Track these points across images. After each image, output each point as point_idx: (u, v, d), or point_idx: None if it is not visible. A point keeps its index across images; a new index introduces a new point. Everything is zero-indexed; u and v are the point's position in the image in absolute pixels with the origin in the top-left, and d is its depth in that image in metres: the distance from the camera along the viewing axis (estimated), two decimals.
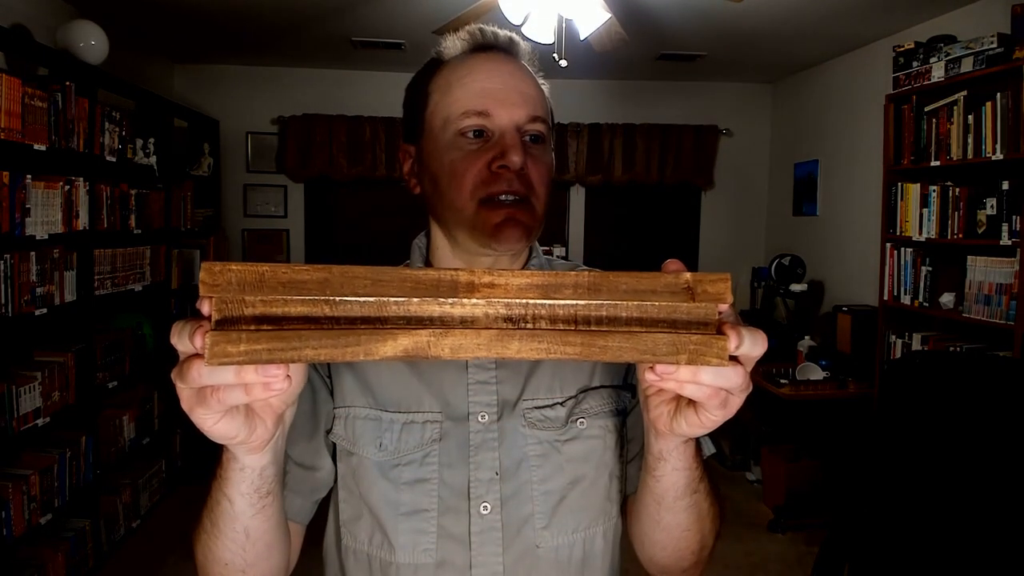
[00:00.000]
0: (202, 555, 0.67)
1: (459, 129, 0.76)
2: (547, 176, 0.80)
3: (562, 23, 2.68)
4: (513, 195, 0.75)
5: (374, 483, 0.77)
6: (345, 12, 3.52)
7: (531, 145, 0.78)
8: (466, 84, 0.77)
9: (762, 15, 3.40)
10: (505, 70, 0.78)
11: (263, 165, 4.78)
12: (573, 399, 0.80)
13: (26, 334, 2.67)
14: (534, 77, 0.82)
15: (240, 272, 0.39)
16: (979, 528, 1.48)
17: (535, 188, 0.77)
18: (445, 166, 0.77)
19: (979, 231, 2.76)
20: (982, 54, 2.69)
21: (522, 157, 0.74)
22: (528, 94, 0.78)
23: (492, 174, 0.75)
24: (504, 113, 0.76)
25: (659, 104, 4.99)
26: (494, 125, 0.76)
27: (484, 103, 0.76)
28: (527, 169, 0.76)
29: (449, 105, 0.77)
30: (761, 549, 3.25)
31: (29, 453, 2.59)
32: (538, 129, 0.78)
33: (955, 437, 1.55)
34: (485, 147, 0.76)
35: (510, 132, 0.76)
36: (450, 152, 0.77)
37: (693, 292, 0.44)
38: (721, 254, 5.19)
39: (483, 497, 0.76)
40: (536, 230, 0.79)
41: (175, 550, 3.14)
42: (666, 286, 0.44)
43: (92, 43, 3.00)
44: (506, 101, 0.76)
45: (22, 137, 2.38)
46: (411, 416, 0.78)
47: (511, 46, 0.82)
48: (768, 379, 3.51)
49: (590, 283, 0.43)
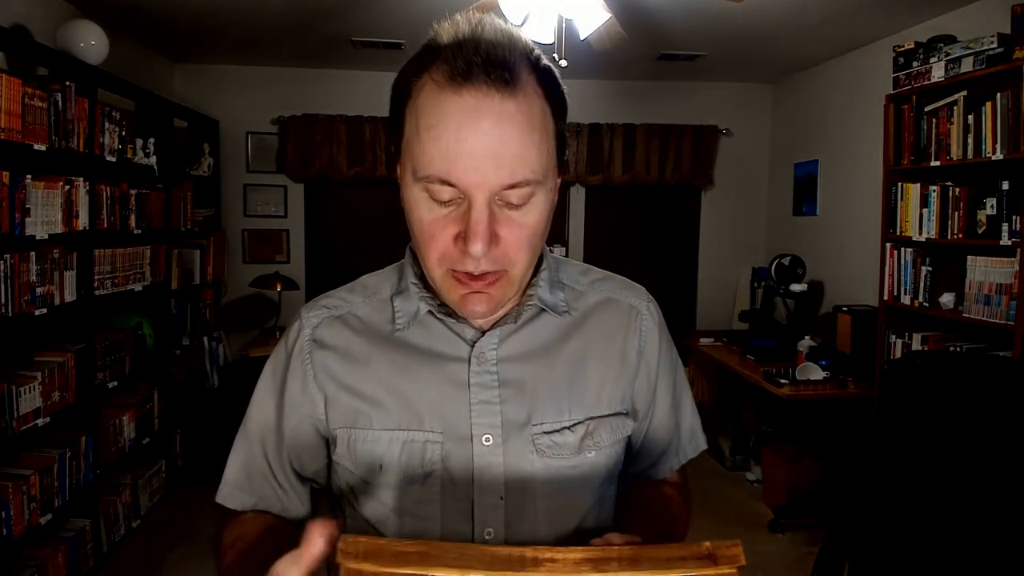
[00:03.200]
0: None
1: (424, 187, 0.67)
2: (530, 237, 0.70)
3: (562, 23, 2.68)
4: (479, 275, 0.69)
5: (375, 502, 0.77)
6: (345, 12, 3.52)
7: (511, 209, 0.68)
8: (433, 139, 0.65)
9: (762, 15, 3.40)
10: (483, 125, 0.64)
11: (263, 165, 4.78)
12: (582, 424, 0.79)
13: (26, 334, 2.67)
14: (527, 113, 0.67)
15: (366, 544, 0.51)
16: (979, 528, 1.48)
17: (511, 258, 0.69)
18: (414, 221, 0.70)
19: (979, 231, 2.76)
20: (982, 54, 2.69)
21: (486, 244, 0.66)
22: (507, 154, 0.65)
23: (458, 251, 0.68)
24: (472, 182, 0.65)
25: (659, 104, 4.99)
26: (463, 193, 0.66)
27: (449, 171, 0.65)
28: (499, 243, 0.68)
29: (416, 159, 0.67)
30: (761, 549, 3.25)
31: (29, 453, 2.59)
32: (519, 195, 0.67)
33: (955, 437, 1.55)
34: (451, 216, 0.67)
35: (478, 208, 0.65)
36: (418, 208, 0.69)
37: (715, 558, 0.52)
38: (721, 254, 5.19)
39: (487, 522, 0.75)
40: (513, 291, 0.74)
41: (175, 550, 3.14)
42: (691, 554, 0.52)
43: (92, 43, 3.00)
44: (476, 169, 0.64)
45: (22, 137, 2.38)
46: (411, 435, 0.75)
47: (500, 70, 0.64)
48: (768, 379, 3.51)
49: (631, 556, 0.51)
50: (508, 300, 0.76)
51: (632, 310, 0.85)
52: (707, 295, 5.23)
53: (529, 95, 0.67)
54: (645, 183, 4.98)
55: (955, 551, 1.49)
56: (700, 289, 5.24)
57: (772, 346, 4.02)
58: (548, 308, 0.81)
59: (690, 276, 5.24)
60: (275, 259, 4.85)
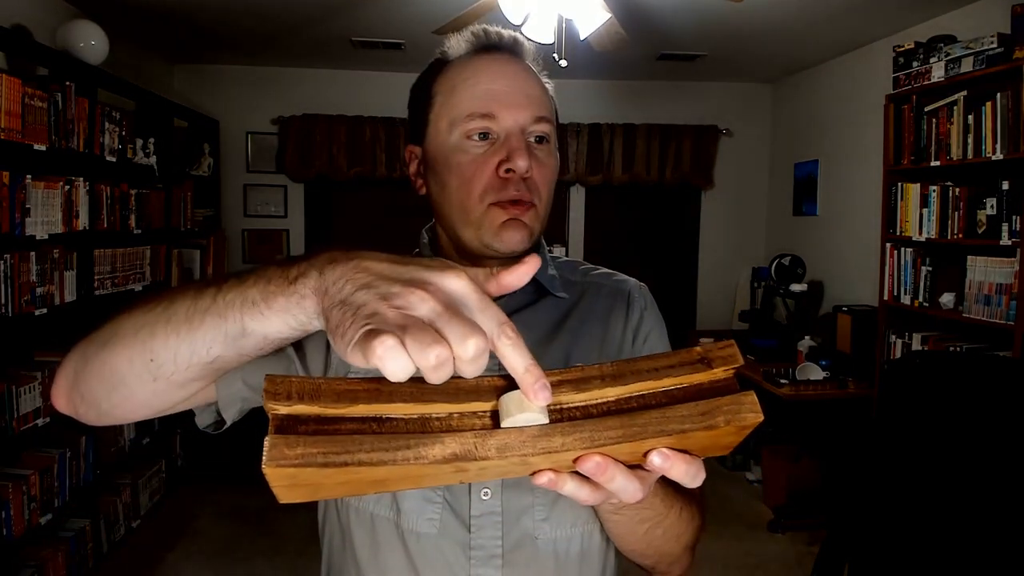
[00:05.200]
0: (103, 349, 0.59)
1: (465, 131, 0.77)
2: (551, 178, 0.81)
3: (562, 23, 2.68)
4: (519, 199, 0.77)
5: None
6: (345, 12, 3.52)
7: (536, 147, 0.79)
8: (470, 86, 0.78)
9: (762, 15, 3.40)
10: (509, 71, 0.79)
11: (263, 165, 4.78)
12: None
13: (26, 334, 2.67)
14: (539, 77, 0.82)
15: (299, 383, 0.42)
16: (979, 528, 1.48)
17: (539, 191, 0.79)
18: (453, 169, 0.78)
19: (979, 231, 2.76)
20: (982, 54, 2.69)
21: (527, 161, 0.75)
22: (533, 95, 0.79)
23: (500, 179, 0.76)
24: (509, 115, 0.77)
25: (659, 104, 4.99)
26: (499, 127, 0.77)
27: (488, 106, 0.76)
28: (532, 173, 0.77)
29: (454, 107, 0.78)
30: (761, 549, 3.25)
31: (29, 453, 2.59)
32: (543, 130, 0.79)
33: (955, 437, 1.55)
34: (491, 150, 0.77)
35: (515, 135, 0.77)
36: (457, 155, 0.78)
37: (709, 361, 0.46)
38: (721, 254, 5.19)
39: (484, 483, 0.76)
40: (538, 232, 0.81)
41: (175, 550, 3.14)
42: (681, 361, 0.46)
43: (92, 43, 3.00)
44: (511, 103, 0.77)
45: (22, 137, 2.38)
46: None
47: (515, 46, 0.82)
48: (768, 379, 3.51)
49: (614, 372, 0.46)
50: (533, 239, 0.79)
51: (623, 292, 0.89)
52: (707, 295, 5.23)
53: (534, 68, 0.83)
54: (645, 183, 4.98)
55: (955, 551, 1.49)
56: (700, 289, 5.24)
57: (772, 346, 4.02)
58: (545, 285, 0.85)
59: (690, 276, 5.24)
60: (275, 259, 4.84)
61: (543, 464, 0.44)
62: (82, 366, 0.60)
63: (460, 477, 0.44)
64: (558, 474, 0.45)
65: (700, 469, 0.48)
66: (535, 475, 0.45)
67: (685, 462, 0.46)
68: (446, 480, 0.44)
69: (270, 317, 0.48)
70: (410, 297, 0.40)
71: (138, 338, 0.56)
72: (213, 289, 0.52)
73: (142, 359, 0.56)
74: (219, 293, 0.51)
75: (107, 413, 0.62)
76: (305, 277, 0.46)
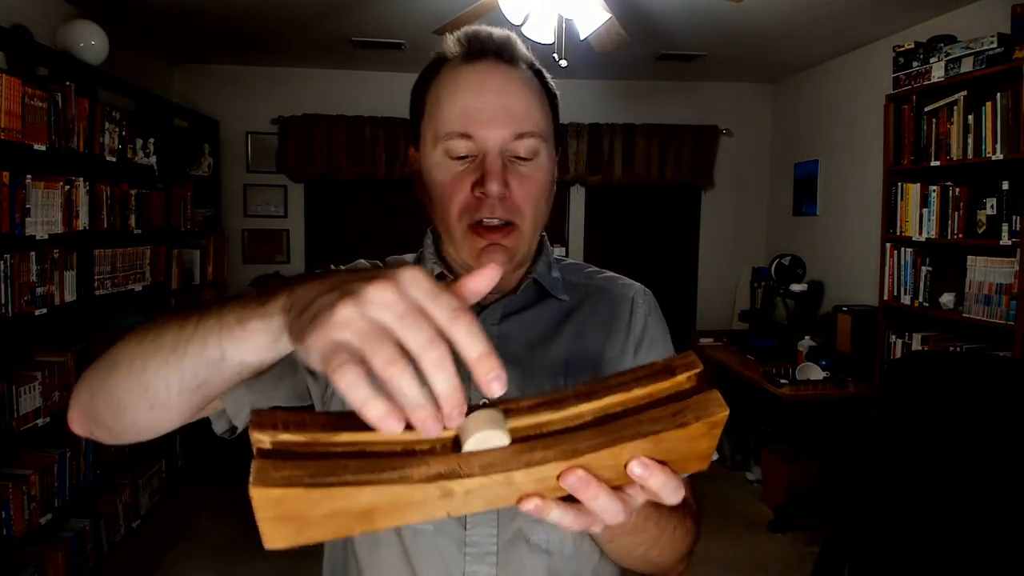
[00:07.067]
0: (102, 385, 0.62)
1: (444, 149, 0.77)
2: (537, 193, 0.79)
3: (562, 23, 2.68)
4: (497, 219, 0.76)
5: None
6: (345, 12, 3.52)
7: (519, 163, 0.77)
8: (451, 103, 0.77)
9: (762, 15, 3.40)
10: (492, 84, 0.77)
11: (263, 165, 4.78)
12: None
13: (26, 334, 2.67)
14: (529, 83, 0.80)
15: (284, 416, 0.43)
16: (979, 528, 1.48)
17: (521, 210, 0.77)
18: (435, 185, 0.79)
19: (979, 231, 2.76)
20: (982, 54, 2.69)
21: (501, 185, 0.74)
22: (515, 110, 0.76)
23: (476, 199, 0.76)
24: (487, 134, 0.75)
25: (659, 104, 4.99)
26: (477, 147, 0.76)
27: (466, 124, 0.75)
28: (511, 193, 0.76)
29: (437, 122, 0.78)
30: (761, 549, 3.25)
31: (29, 453, 2.59)
32: (526, 146, 0.77)
33: (955, 437, 1.55)
34: (468, 170, 0.76)
35: (492, 155, 0.75)
36: (439, 171, 0.78)
37: (672, 369, 0.49)
38: (721, 254, 5.19)
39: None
40: (524, 250, 0.81)
41: (175, 550, 3.14)
42: (647, 372, 0.50)
43: (92, 43, 3.00)
44: (490, 121, 0.75)
45: (22, 137, 2.38)
46: None
47: (505, 51, 0.79)
48: (768, 379, 3.51)
49: (587, 390, 0.48)
50: (518, 257, 0.80)
51: (626, 297, 0.89)
52: (707, 295, 5.23)
53: (526, 71, 0.81)
54: (645, 183, 4.98)
55: (955, 551, 1.49)
56: (700, 289, 5.24)
57: (772, 346, 4.02)
58: (546, 287, 0.85)
59: (690, 276, 5.24)
60: (275, 259, 4.85)
61: (527, 482, 0.45)
62: (90, 395, 0.64)
63: (448, 506, 0.44)
64: (544, 500, 0.47)
65: (679, 484, 0.49)
66: (521, 501, 0.46)
67: (664, 474, 0.47)
68: (433, 510, 0.44)
69: (245, 340, 0.50)
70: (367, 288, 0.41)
71: (132, 370, 0.58)
72: (195, 317, 0.54)
73: (139, 389, 0.58)
74: (200, 320, 0.53)
75: (119, 435, 0.65)
76: (275, 297, 0.48)
